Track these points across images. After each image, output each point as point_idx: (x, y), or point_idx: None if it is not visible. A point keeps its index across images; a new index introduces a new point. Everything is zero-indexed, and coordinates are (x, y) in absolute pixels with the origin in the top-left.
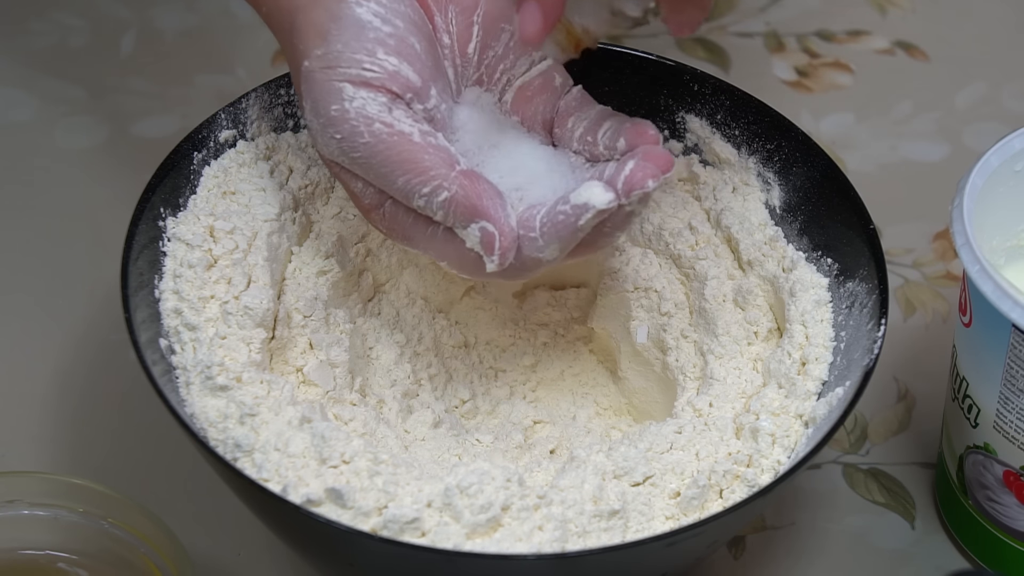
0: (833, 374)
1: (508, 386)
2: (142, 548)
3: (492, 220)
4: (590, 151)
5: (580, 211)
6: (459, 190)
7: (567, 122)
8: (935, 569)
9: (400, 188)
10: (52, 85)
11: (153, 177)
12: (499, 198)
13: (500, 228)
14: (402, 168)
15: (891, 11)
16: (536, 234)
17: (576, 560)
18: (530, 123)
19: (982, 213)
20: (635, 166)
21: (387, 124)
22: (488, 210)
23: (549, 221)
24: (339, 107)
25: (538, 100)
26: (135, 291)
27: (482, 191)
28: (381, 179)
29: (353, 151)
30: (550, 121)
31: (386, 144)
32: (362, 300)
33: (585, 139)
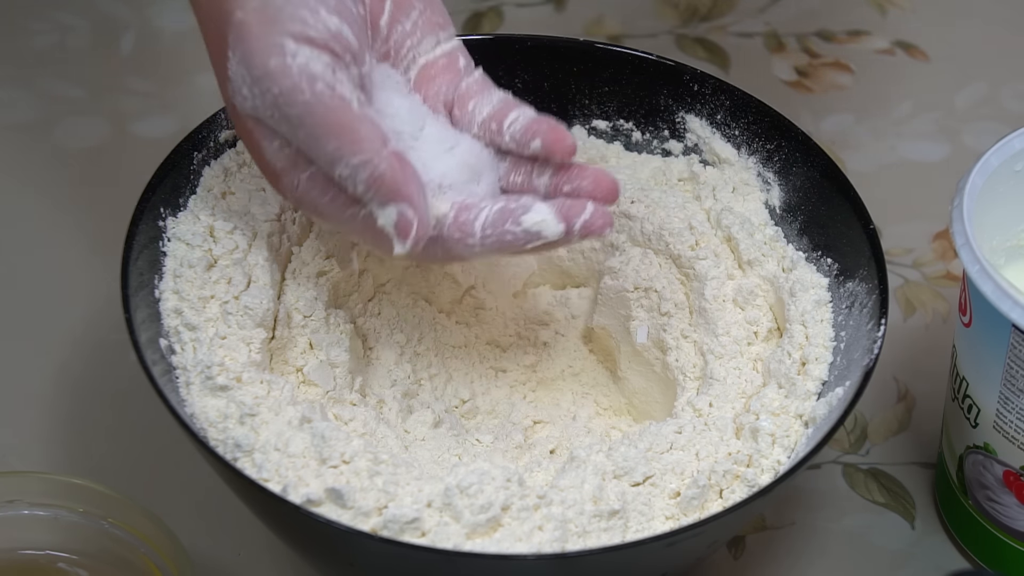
0: (833, 374)
1: (508, 386)
2: (142, 548)
3: (414, 207)
4: (492, 139)
5: (531, 238)
6: (388, 169)
7: (467, 104)
8: (935, 569)
9: (328, 154)
10: (52, 85)
11: (153, 177)
12: (422, 186)
13: (420, 217)
14: (336, 134)
15: (891, 11)
16: (475, 240)
17: (576, 560)
18: (432, 103)
19: (982, 213)
20: (595, 213)
21: (330, 86)
22: (411, 195)
23: (494, 235)
24: (280, 61)
25: (441, 80)
26: (135, 291)
27: (409, 176)
28: (309, 141)
29: (290, 107)
30: (451, 103)
31: (326, 107)
32: (362, 300)
33: (489, 126)
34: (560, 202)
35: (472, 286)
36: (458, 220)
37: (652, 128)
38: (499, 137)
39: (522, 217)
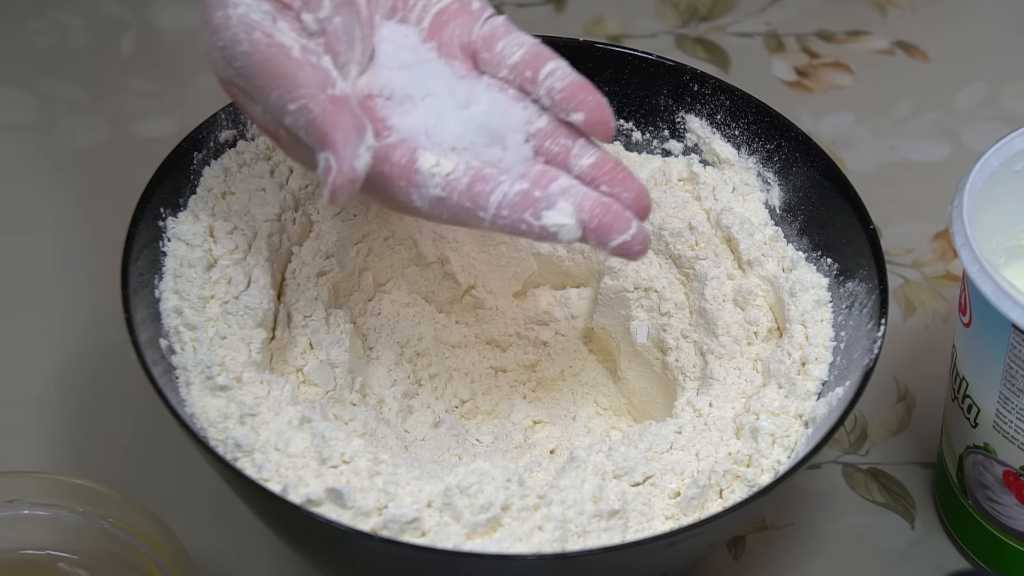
0: (833, 374)
1: (508, 386)
2: (142, 548)
3: (336, 153)
4: (523, 86)
5: (545, 235)
6: (319, 114)
7: (495, 46)
8: (935, 569)
9: (273, 103)
10: (52, 85)
11: (153, 177)
12: (355, 134)
13: (340, 163)
14: (276, 82)
15: (891, 11)
16: (487, 215)
17: (576, 560)
18: (447, 48)
19: (982, 213)
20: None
21: (267, 34)
22: (336, 142)
23: (509, 219)
24: (223, 14)
25: (454, 24)
26: (135, 291)
27: (339, 121)
28: (260, 93)
29: (234, 60)
30: (468, 45)
31: (263, 55)
32: (362, 300)
33: (522, 72)
34: (592, 208)
35: (472, 286)
36: (472, 189)
37: (652, 128)
38: (533, 87)
39: (543, 212)
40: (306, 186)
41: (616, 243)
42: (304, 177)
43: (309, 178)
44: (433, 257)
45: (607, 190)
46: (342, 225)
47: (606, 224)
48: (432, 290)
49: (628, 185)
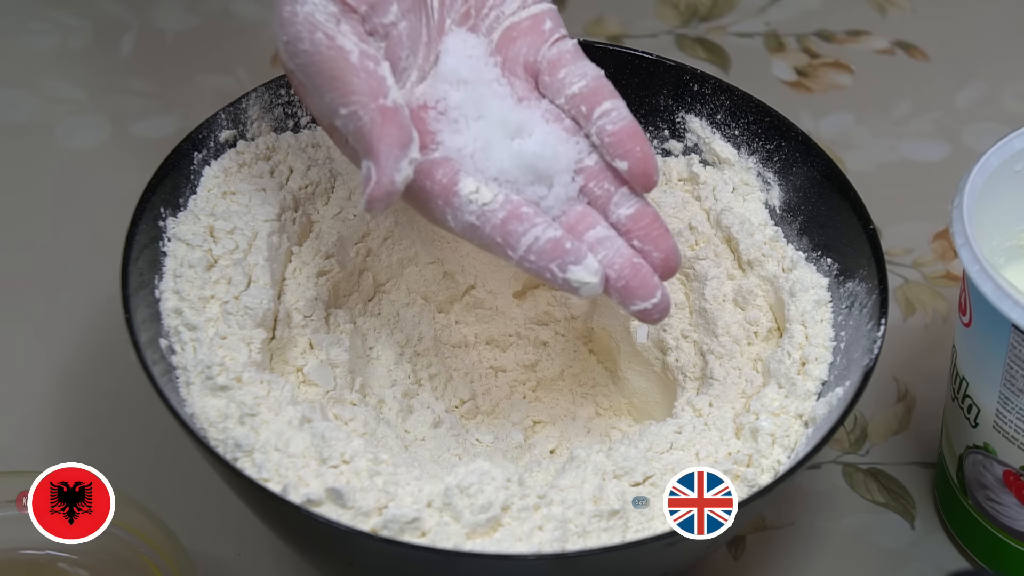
0: (833, 374)
1: (508, 386)
2: (142, 548)
3: (378, 165)
4: (578, 120)
5: (567, 288)
6: (368, 122)
7: (559, 72)
8: (935, 569)
9: (326, 104)
10: (53, 85)
11: (153, 177)
12: (400, 147)
13: (379, 175)
14: (330, 84)
15: (891, 11)
16: (514, 256)
17: (576, 560)
18: (511, 65)
19: (982, 213)
20: (659, 305)
21: (329, 36)
22: (379, 154)
23: (535, 265)
24: (291, 9)
25: (522, 42)
26: (135, 291)
27: (386, 133)
28: (315, 92)
29: (295, 57)
30: (532, 65)
31: (322, 56)
32: (362, 300)
33: (579, 106)
34: (622, 267)
35: (472, 286)
36: (505, 226)
37: (652, 128)
38: (587, 123)
39: (570, 266)
40: (306, 186)
41: (637, 308)
42: (304, 177)
43: (309, 178)
44: (433, 257)
45: (639, 245)
46: (342, 225)
47: (632, 287)
48: (432, 290)
49: (660, 245)
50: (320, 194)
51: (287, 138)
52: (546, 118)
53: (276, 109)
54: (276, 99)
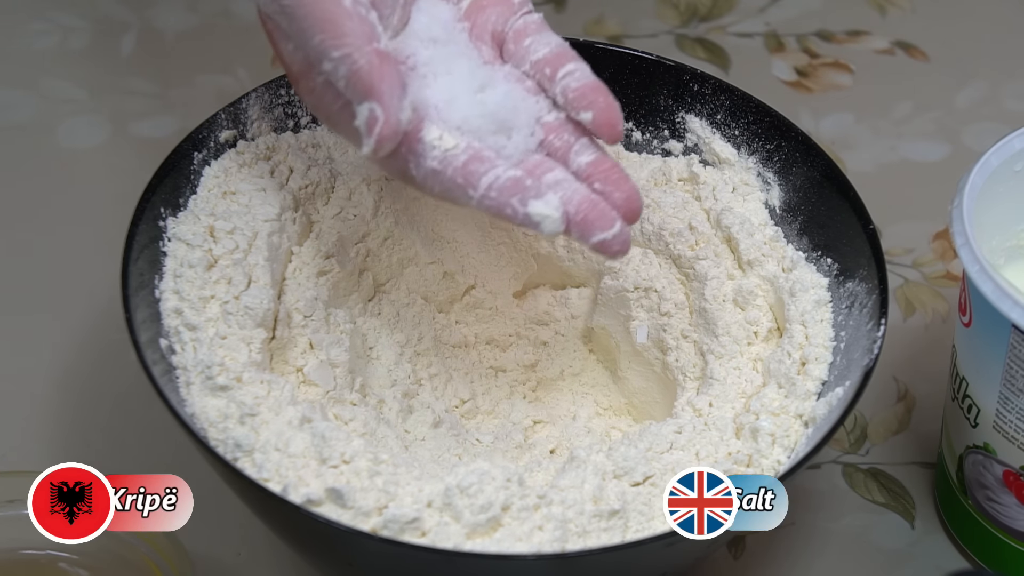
0: (833, 374)
1: (508, 386)
2: (142, 548)
3: (383, 104)
4: (541, 83)
5: (528, 223)
6: (365, 64)
7: (524, 40)
8: (935, 569)
9: (314, 47)
10: (53, 85)
11: (153, 177)
12: (400, 88)
13: (387, 114)
14: (321, 26)
15: (891, 11)
16: (475, 195)
17: (576, 560)
18: (479, 31)
19: (982, 213)
20: (617, 235)
21: None
22: (383, 93)
23: (496, 200)
24: None
25: (491, 11)
26: (135, 291)
27: (385, 73)
28: (301, 35)
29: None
30: (500, 34)
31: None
32: (362, 300)
33: (542, 69)
34: (580, 203)
35: (472, 285)
36: (467, 167)
37: (652, 128)
38: (550, 84)
39: (531, 201)
40: (306, 186)
41: (596, 239)
42: (304, 177)
43: (309, 178)
44: (433, 257)
45: (599, 187)
46: (342, 225)
47: (590, 220)
48: (432, 290)
49: (621, 186)
50: (320, 194)
51: (287, 138)
52: (508, 79)
53: (276, 109)
54: (276, 99)
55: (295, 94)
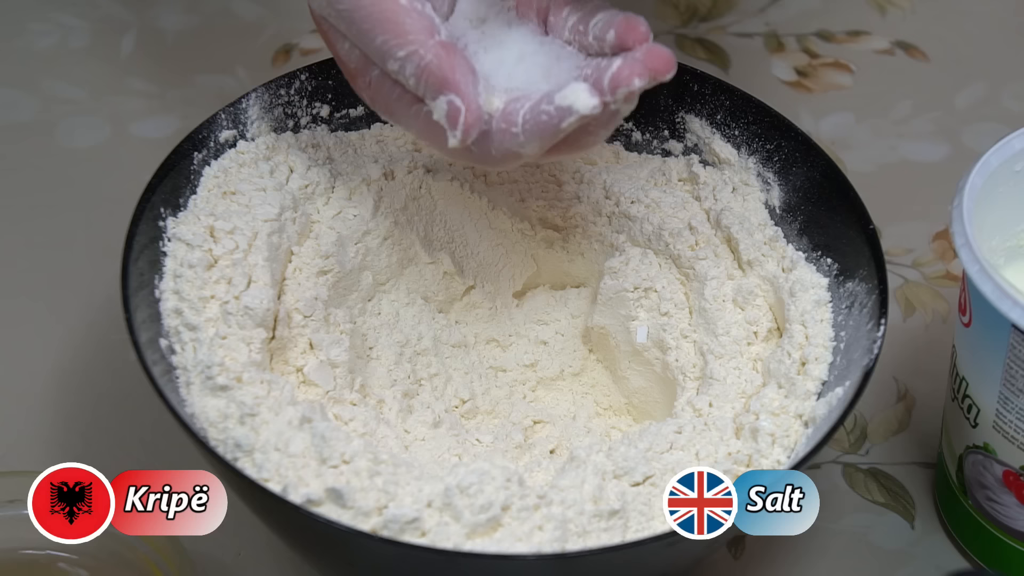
0: (833, 374)
1: (508, 386)
2: (142, 548)
3: (461, 94)
4: (580, 41)
5: (563, 113)
6: (433, 59)
7: (562, 11)
8: (935, 569)
9: (377, 48)
10: (53, 85)
11: (153, 177)
12: (472, 74)
13: (467, 103)
14: (382, 27)
15: (891, 11)
16: (518, 130)
17: (576, 560)
18: (524, 8)
19: (982, 213)
20: (622, 64)
21: None
22: (458, 84)
23: (532, 119)
24: None
25: None
26: (135, 291)
27: (456, 64)
28: (361, 36)
29: (339, 3)
30: (545, 10)
31: (370, 0)
32: (362, 300)
33: (577, 28)
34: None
35: (472, 286)
36: (506, 111)
37: (652, 128)
38: (585, 38)
39: (556, 95)
40: (306, 186)
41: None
42: (304, 177)
43: (309, 178)
44: (433, 257)
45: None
46: (342, 225)
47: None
48: (432, 290)
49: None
50: (320, 194)
51: (287, 138)
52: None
53: (276, 109)
54: (276, 99)
55: (295, 95)
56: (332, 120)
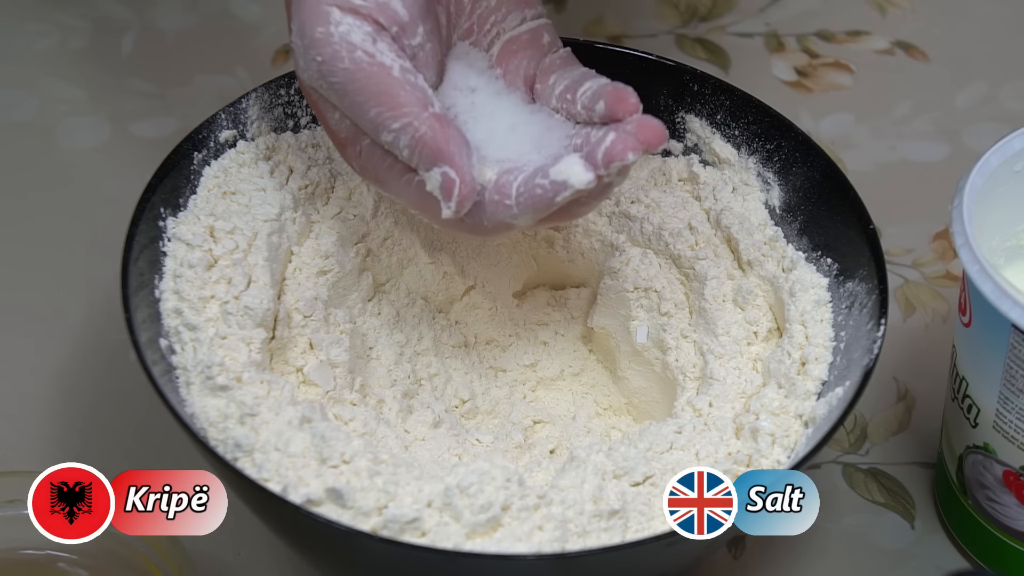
0: (833, 374)
1: (508, 386)
2: (142, 548)
3: (455, 166)
4: (568, 110)
5: (558, 188)
6: (428, 131)
7: (549, 78)
8: (935, 569)
9: (371, 120)
10: (53, 85)
11: (153, 177)
12: (465, 146)
13: (461, 175)
14: (376, 100)
15: (891, 11)
16: (511, 202)
17: (576, 560)
18: (512, 77)
19: (982, 213)
20: (615, 138)
21: (369, 54)
22: (452, 156)
23: (526, 192)
24: (324, 30)
25: (523, 55)
26: (135, 291)
27: (450, 136)
28: (355, 109)
29: (332, 75)
30: (532, 78)
31: (364, 73)
32: (362, 300)
33: (564, 97)
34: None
35: (472, 286)
36: (499, 183)
37: None
38: (573, 107)
39: (551, 169)
40: (306, 186)
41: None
42: (304, 177)
43: (309, 178)
44: (433, 258)
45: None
46: (342, 225)
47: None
48: (432, 290)
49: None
50: (320, 194)
51: (287, 138)
52: (541, 114)
53: (276, 109)
54: (276, 99)
55: (294, 94)
56: None
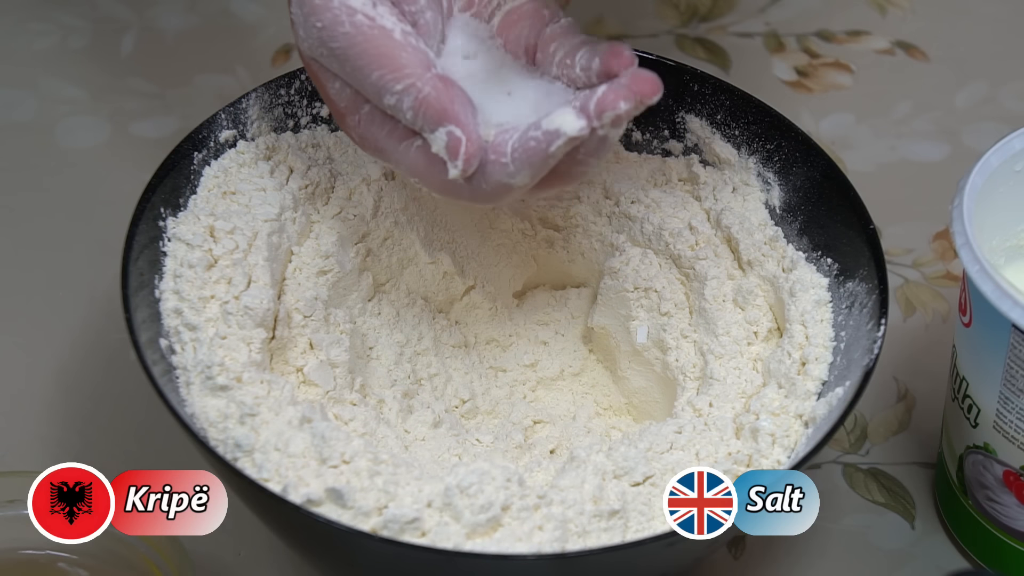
0: (833, 374)
1: (508, 386)
2: (142, 548)
3: (460, 125)
4: (568, 75)
5: (551, 137)
6: (432, 91)
7: (549, 47)
8: (935, 569)
9: (373, 84)
10: (53, 85)
11: (153, 177)
12: (470, 106)
13: (467, 134)
14: (378, 62)
15: (891, 11)
16: (507, 159)
17: (576, 560)
18: (513, 47)
19: (982, 213)
20: (608, 88)
21: (369, 17)
22: (458, 115)
23: (520, 146)
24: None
25: (523, 25)
26: (135, 291)
27: (454, 95)
28: (356, 73)
29: (332, 41)
30: (533, 47)
31: (365, 37)
32: (362, 300)
33: (564, 63)
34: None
35: (472, 286)
36: (495, 143)
37: (652, 128)
38: (572, 71)
39: (543, 121)
40: (306, 186)
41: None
42: (304, 177)
43: (309, 178)
44: (433, 258)
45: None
46: (342, 225)
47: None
48: (432, 290)
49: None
50: (320, 194)
51: (287, 138)
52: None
53: (276, 109)
54: (276, 99)
55: (299, 90)
56: (332, 120)
